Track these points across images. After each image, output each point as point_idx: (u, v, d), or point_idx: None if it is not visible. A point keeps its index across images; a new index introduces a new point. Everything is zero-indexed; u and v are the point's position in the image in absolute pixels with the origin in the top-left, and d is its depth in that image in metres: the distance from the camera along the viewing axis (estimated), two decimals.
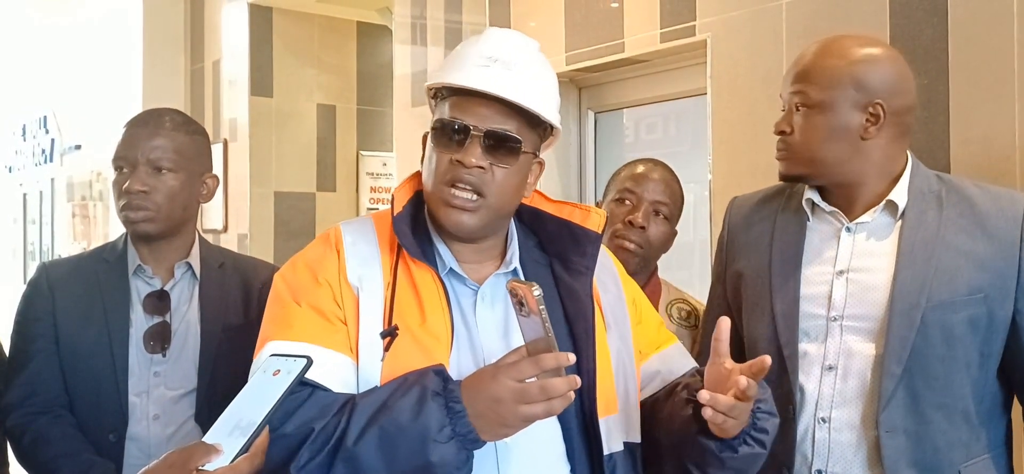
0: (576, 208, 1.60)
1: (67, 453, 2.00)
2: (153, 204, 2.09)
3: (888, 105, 1.72)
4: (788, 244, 1.83)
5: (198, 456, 1.18)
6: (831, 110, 1.73)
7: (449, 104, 1.49)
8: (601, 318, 1.57)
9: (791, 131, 1.78)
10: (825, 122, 1.74)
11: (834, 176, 1.77)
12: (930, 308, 1.66)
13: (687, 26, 2.92)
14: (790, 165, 1.80)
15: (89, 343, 2.08)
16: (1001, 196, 1.74)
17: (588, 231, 1.56)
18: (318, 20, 5.52)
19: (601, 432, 1.48)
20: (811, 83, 1.75)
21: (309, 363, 1.25)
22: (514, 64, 1.47)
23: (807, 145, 1.76)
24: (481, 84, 1.45)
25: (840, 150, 1.74)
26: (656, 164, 2.27)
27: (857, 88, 1.72)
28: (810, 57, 1.78)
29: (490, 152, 1.46)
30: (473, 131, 1.45)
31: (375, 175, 5.72)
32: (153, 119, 2.16)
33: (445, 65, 1.53)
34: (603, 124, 3.61)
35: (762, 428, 1.47)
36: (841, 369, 1.73)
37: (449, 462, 1.31)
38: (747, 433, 1.45)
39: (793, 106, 1.78)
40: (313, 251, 1.54)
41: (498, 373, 1.30)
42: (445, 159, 1.47)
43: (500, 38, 1.52)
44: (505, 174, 1.47)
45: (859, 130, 1.73)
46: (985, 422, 1.72)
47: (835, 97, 1.73)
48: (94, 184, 6.43)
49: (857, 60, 1.73)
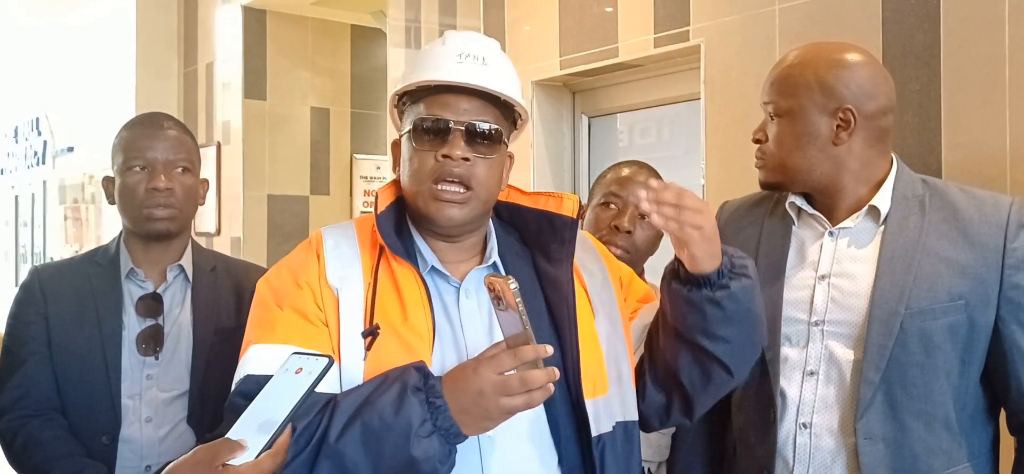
0: (550, 197, 1.62)
1: (59, 456, 1.99)
2: (177, 201, 2.13)
3: (859, 110, 1.71)
4: (773, 248, 1.84)
5: (224, 452, 1.20)
6: (800, 117, 1.73)
7: (424, 104, 1.51)
8: (587, 303, 1.58)
9: (765, 139, 1.79)
10: (794, 129, 1.74)
11: (809, 183, 1.77)
12: (909, 315, 1.65)
13: (681, 31, 2.93)
14: (766, 173, 1.81)
15: (81, 346, 2.08)
16: (985, 201, 1.72)
17: (564, 218, 1.58)
18: (312, 23, 5.51)
19: (588, 415, 1.49)
20: (780, 91, 1.76)
21: (331, 362, 1.27)
22: (486, 59, 1.52)
23: (779, 153, 1.76)
24: (463, 78, 1.48)
25: (811, 157, 1.74)
26: (641, 166, 2.26)
27: (825, 94, 1.72)
28: (782, 66, 1.79)
29: (473, 144, 1.49)
30: (454, 125, 1.48)
31: (369, 178, 5.71)
32: (159, 121, 2.19)
33: (415, 68, 1.56)
34: (597, 129, 3.62)
35: (739, 262, 1.51)
36: (822, 374, 1.72)
37: (432, 456, 1.32)
38: (727, 267, 1.49)
39: (768, 115, 1.80)
40: (295, 256, 1.56)
41: (478, 366, 1.32)
42: (429, 157, 1.49)
43: (465, 38, 1.55)
44: (488, 165, 1.50)
45: (830, 136, 1.72)
46: (967, 430, 1.70)
47: (802, 104, 1.73)
48: (86, 187, 6.42)
49: (825, 66, 1.73)
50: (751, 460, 1.80)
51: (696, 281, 1.48)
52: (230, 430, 1.24)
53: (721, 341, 1.52)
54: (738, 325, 1.52)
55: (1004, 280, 1.66)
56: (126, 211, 2.14)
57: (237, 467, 1.20)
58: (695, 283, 1.48)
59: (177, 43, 5.77)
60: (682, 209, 1.42)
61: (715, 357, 1.54)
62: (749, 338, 1.57)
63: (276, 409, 1.24)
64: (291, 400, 1.24)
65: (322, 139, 5.59)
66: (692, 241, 1.44)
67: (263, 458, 1.21)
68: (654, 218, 1.42)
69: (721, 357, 1.54)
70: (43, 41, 7.27)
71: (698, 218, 1.43)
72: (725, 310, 1.49)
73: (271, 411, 1.24)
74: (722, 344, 1.53)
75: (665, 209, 1.42)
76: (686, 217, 1.42)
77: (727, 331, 1.52)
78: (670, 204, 1.42)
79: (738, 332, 1.53)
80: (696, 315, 1.50)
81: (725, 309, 1.49)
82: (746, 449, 1.82)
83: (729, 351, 1.54)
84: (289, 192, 5.42)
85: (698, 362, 1.56)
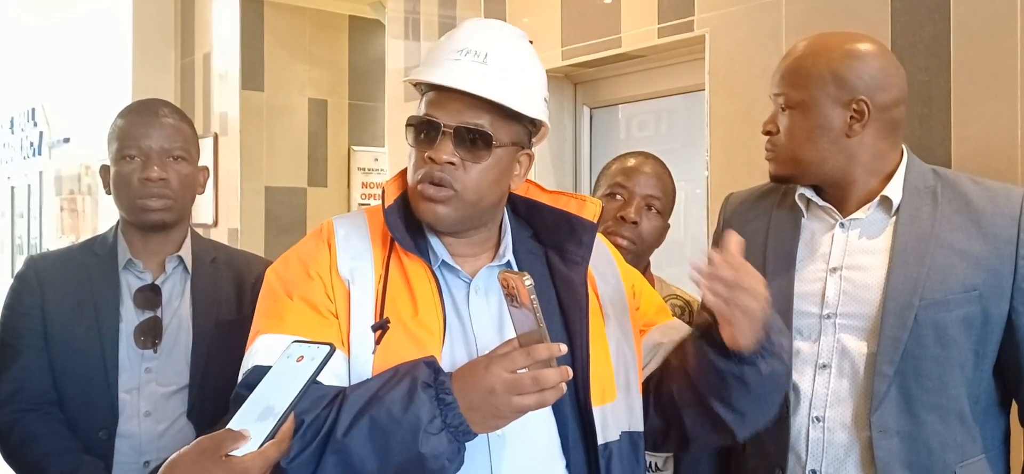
0: (572, 198, 1.60)
1: (55, 451, 1.96)
2: (172, 191, 2.09)
3: (873, 101, 1.69)
4: (782, 241, 1.82)
5: (227, 443, 1.20)
6: (812, 109, 1.71)
7: (425, 100, 1.50)
8: (599, 309, 1.57)
9: (776, 131, 1.77)
10: (806, 122, 1.72)
11: (821, 175, 1.75)
12: (923, 307, 1.64)
13: (685, 21, 2.90)
14: (777, 166, 1.79)
15: (79, 338, 2.04)
16: (998, 192, 1.71)
17: (584, 221, 1.56)
18: (310, 14, 5.49)
19: (595, 422, 1.47)
20: (792, 83, 1.74)
21: (332, 350, 1.26)
22: (488, 56, 1.46)
23: (791, 145, 1.74)
24: (449, 79, 1.45)
25: (824, 149, 1.72)
26: (647, 157, 2.24)
27: (837, 85, 1.70)
28: (793, 57, 1.77)
29: (462, 147, 1.45)
30: (443, 128, 1.45)
31: (367, 170, 5.69)
32: (156, 108, 2.14)
33: (424, 60, 1.53)
34: (599, 120, 3.60)
35: (777, 343, 1.46)
36: (834, 368, 1.72)
37: (441, 454, 1.31)
38: (764, 348, 1.44)
39: (778, 106, 1.77)
40: (306, 245, 1.54)
41: (491, 364, 1.30)
42: (419, 156, 1.48)
43: (475, 29, 1.51)
44: (479, 169, 1.47)
45: (843, 128, 1.71)
46: (981, 422, 1.70)
47: (816, 96, 1.71)
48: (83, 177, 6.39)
49: (838, 57, 1.71)
50: (763, 456, 1.78)
51: (726, 351, 1.44)
52: (232, 420, 1.24)
53: (735, 411, 1.51)
54: (757, 402, 1.50)
55: (1018, 272, 1.66)
56: (121, 201, 2.11)
57: (241, 457, 1.19)
58: (725, 354, 1.45)
59: (174, 34, 5.74)
60: (736, 290, 1.37)
61: (724, 422, 1.52)
62: (762, 414, 1.54)
63: (278, 398, 1.23)
64: (293, 389, 1.23)
65: (320, 131, 5.56)
66: (737, 322, 1.40)
67: (267, 447, 1.21)
68: (705, 294, 1.38)
69: (730, 424, 1.52)
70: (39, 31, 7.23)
71: (751, 303, 1.38)
72: (749, 387, 1.46)
73: (273, 400, 1.23)
74: (735, 414, 1.51)
75: (717, 286, 1.37)
76: (738, 298, 1.38)
77: (745, 405, 1.50)
78: (724, 281, 1.37)
79: (755, 408, 1.51)
80: (717, 381, 1.48)
81: (749, 386, 1.46)
82: (757, 444, 1.80)
83: (739, 421, 1.52)
84: (286, 184, 5.40)
85: (707, 417, 1.54)
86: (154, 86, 5.49)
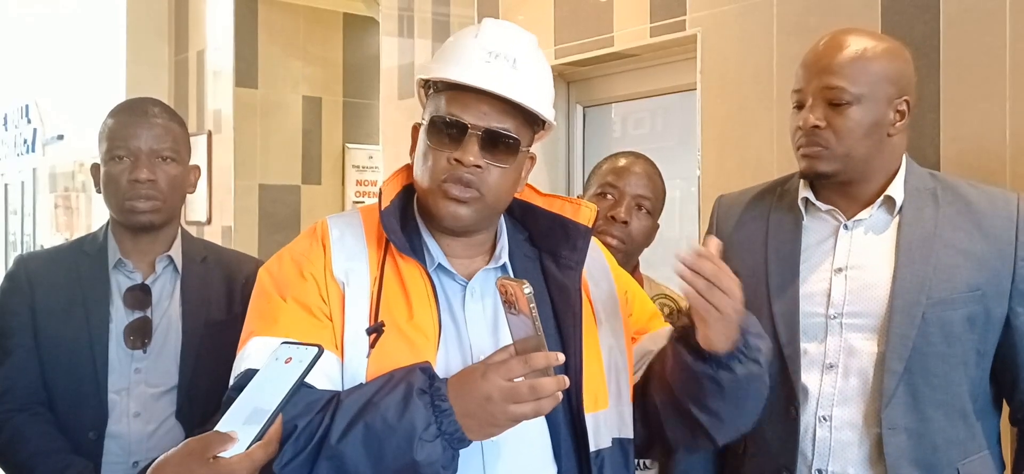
0: (567, 202, 1.58)
1: (44, 451, 1.96)
2: (160, 193, 2.07)
3: (911, 101, 1.73)
4: (784, 242, 1.82)
5: (215, 444, 1.20)
6: (872, 106, 1.70)
7: (445, 99, 1.45)
8: (592, 315, 1.56)
9: (825, 126, 1.71)
10: (863, 118, 1.69)
11: (860, 172, 1.74)
12: (930, 305, 1.66)
13: (677, 21, 2.90)
14: (825, 163, 1.72)
15: (68, 338, 2.04)
16: (996, 195, 1.74)
17: (579, 225, 1.55)
18: (304, 11, 5.47)
19: (588, 429, 1.47)
20: (852, 78, 1.69)
21: (321, 351, 1.26)
22: (517, 60, 1.45)
23: (844, 141, 1.70)
24: (486, 83, 1.42)
25: (872, 146, 1.71)
26: (637, 157, 2.24)
27: (891, 83, 1.70)
28: (848, 50, 1.71)
29: (487, 151, 1.43)
30: (471, 130, 1.43)
31: (361, 168, 5.68)
32: (145, 107, 2.12)
33: (441, 58, 1.49)
34: (591, 119, 3.59)
35: (754, 346, 1.46)
36: (842, 367, 1.72)
37: (435, 461, 1.30)
38: (739, 351, 1.44)
39: (825, 101, 1.71)
40: (299, 245, 1.51)
41: (487, 372, 1.29)
42: (442, 157, 1.44)
43: (500, 32, 1.48)
44: (502, 172, 1.45)
45: (888, 127, 1.72)
46: (980, 419, 1.72)
47: (875, 92, 1.69)
48: (77, 175, 6.38)
49: (888, 55, 1.71)
50: (767, 457, 1.78)
51: (702, 354, 1.44)
52: (219, 422, 1.23)
53: (711, 414, 1.50)
54: (732, 404, 1.49)
55: (1016, 273, 1.68)
56: (110, 201, 2.10)
57: (228, 459, 1.19)
58: (701, 355, 1.44)
59: (168, 30, 5.72)
60: (713, 288, 1.37)
61: (701, 425, 1.51)
62: (741, 417, 1.54)
63: (266, 400, 1.22)
64: (281, 390, 1.22)
65: (314, 128, 5.55)
66: (710, 319, 1.39)
67: (254, 449, 1.20)
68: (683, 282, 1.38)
69: (707, 427, 1.51)
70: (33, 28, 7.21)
71: (724, 302, 1.38)
72: (723, 389, 1.46)
73: (261, 402, 1.23)
74: (711, 417, 1.50)
75: (698, 280, 1.37)
76: (714, 296, 1.37)
77: (719, 406, 1.49)
78: (704, 277, 1.37)
79: (730, 411, 1.50)
80: (692, 383, 1.47)
81: (723, 387, 1.45)
82: (760, 446, 1.80)
83: (716, 425, 1.52)
84: (280, 181, 5.39)
85: (684, 423, 1.53)
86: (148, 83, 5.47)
